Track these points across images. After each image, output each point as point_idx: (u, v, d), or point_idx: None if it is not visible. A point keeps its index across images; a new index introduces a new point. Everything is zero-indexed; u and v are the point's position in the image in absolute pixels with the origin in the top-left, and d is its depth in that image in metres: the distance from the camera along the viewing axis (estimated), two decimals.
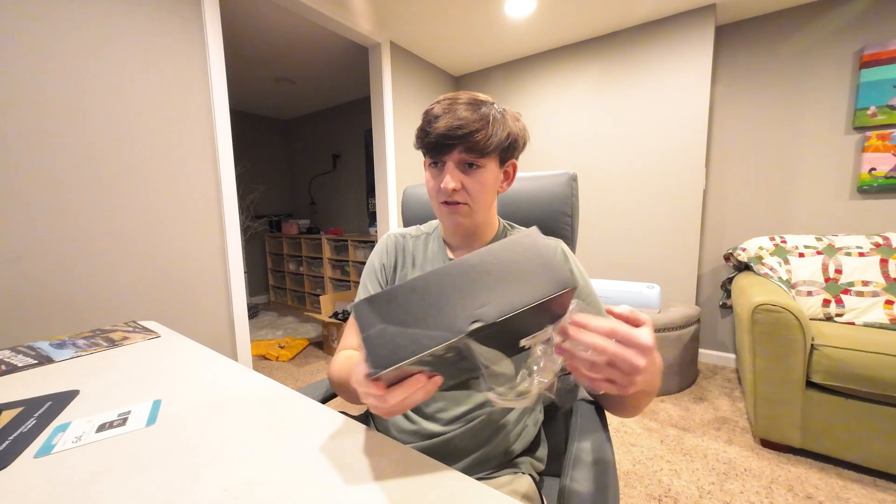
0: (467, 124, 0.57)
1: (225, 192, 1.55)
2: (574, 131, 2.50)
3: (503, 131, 0.60)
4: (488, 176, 0.62)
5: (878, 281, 1.59)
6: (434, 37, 2.32)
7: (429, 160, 0.64)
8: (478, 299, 0.35)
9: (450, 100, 0.60)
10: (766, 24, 2.07)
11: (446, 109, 0.59)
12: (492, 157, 0.62)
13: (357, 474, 0.39)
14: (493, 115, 0.60)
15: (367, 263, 0.76)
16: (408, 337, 0.33)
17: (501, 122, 0.60)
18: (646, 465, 1.41)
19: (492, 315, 0.34)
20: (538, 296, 0.34)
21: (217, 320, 1.56)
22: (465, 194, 0.62)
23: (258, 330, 3.23)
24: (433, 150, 0.61)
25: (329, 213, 4.15)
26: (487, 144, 0.59)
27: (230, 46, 2.37)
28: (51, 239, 1.14)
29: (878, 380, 1.22)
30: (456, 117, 0.58)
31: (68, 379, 0.61)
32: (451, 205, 0.63)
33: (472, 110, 0.58)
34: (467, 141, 0.58)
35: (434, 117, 0.60)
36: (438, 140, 0.59)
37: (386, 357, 0.33)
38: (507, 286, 0.35)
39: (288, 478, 0.38)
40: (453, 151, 0.59)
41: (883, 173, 1.82)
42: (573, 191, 0.82)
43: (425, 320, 0.34)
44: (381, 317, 0.34)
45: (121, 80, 1.26)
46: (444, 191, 0.61)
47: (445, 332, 0.33)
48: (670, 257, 2.25)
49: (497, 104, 0.62)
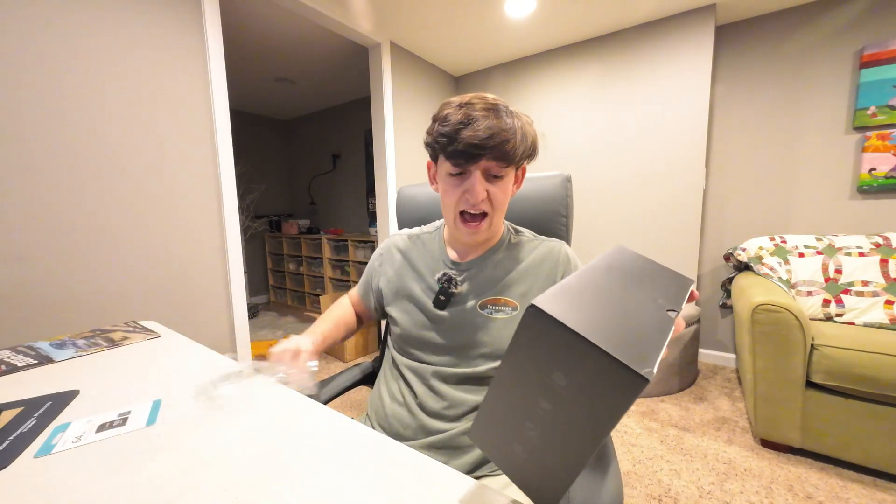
0: (498, 133, 0.56)
1: (225, 192, 1.55)
2: (574, 131, 2.50)
3: (528, 139, 0.60)
4: (509, 184, 0.62)
5: (878, 281, 1.59)
6: (434, 37, 2.32)
7: (453, 169, 0.61)
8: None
9: (467, 104, 0.58)
10: (766, 24, 2.07)
11: (469, 116, 0.56)
12: (513, 166, 0.61)
13: (358, 474, 0.39)
14: (521, 124, 0.59)
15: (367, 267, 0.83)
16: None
17: (525, 131, 0.60)
18: (646, 465, 1.41)
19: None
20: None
21: (217, 320, 1.56)
22: (488, 203, 0.61)
23: (258, 330, 3.23)
24: (460, 158, 0.58)
25: (329, 213, 4.15)
26: (516, 154, 0.58)
27: (230, 46, 2.37)
28: (51, 239, 1.14)
29: (878, 380, 1.22)
30: (487, 126, 0.55)
31: (68, 379, 0.61)
32: (473, 220, 0.62)
33: (494, 116, 0.57)
34: (498, 150, 0.56)
35: (460, 124, 0.57)
36: (468, 149, 0.56)
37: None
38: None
39: (288, 478, 0.38)
40: (481, 160, 0.58)
41: (883, 173, 1.82)
42: (567, 191, 0.83)
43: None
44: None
45: (120, 81, 1.26)
46: (469, 201, 0.60)
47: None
48: (670, 257, 2.24)
49: (510, 106, 0.61)
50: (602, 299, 0.27)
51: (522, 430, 0.27)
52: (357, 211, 3.84)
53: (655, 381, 1.90)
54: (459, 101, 0.59)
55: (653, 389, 1.92)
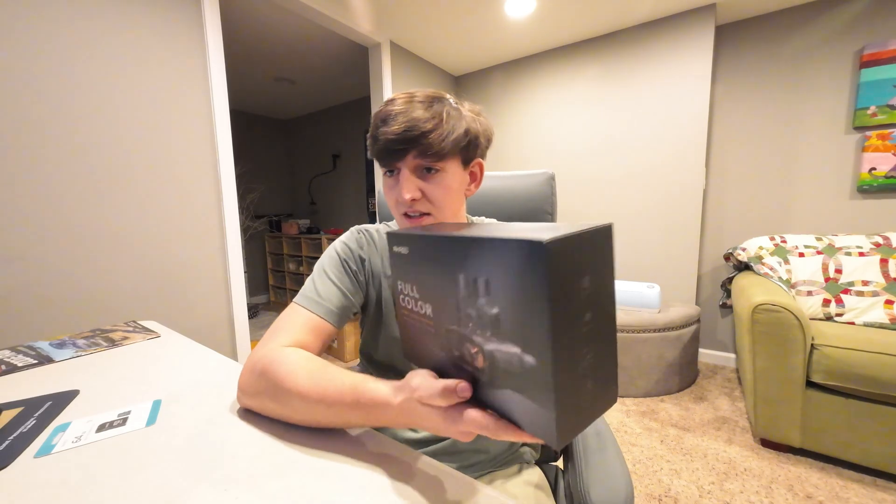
0: (418, 125, 0.50)
1: (225, 192, 1.55)
2: (574, 131, 2.50)
3: (460, 128, 0.53)
4: (451, 180, 0.55)
5: (878, 281, 1.59)
6: (434, 37, 2.32)
7: (383, 168, 0.57)
8: None
9: (402, 98, 0.53)
10: (766, 23, 2.06)
11: (396, 111, 0.52)
12: (452, 159, 0.54)
13: (360, 476, 0.39)
14: (446, 111, 0.52)
15: (329, 254, 0.63)
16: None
17: (457, 119, 0.53)
18: (646, 465, 1.41)
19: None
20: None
21: (217, 320, 1.56)
22: (426, 203, 0.55)
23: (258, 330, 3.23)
24: (384, 157, 0.54)
25: (329, 213, 4.15)
26: (443, 145, 0.51)
27: (230, 46, 2.37)
28: (51, 239, 1.14)
29: (878, 379, 1.22)
30: (407, 118, 0.51)
31: (68, 379, 0.61)
32: (414, 218, 0.56)
33: (423, 108, 0.51)
34: (420, 143, 0.51)
35: (382, 120, 0.52)
36: (388, 146, 0.52)
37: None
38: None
39: (288, 478, 0.38)
40: (407, 157, 0.52)
41: (883, 173, 1.82)
42: (552, 189, 0.83)
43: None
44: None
45: (120, 81, 1.26)
46: (401, 202, 0.54)
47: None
48: (670, 257, 2.25)
49: (453, 100, 0.55)
50: (546, 228, 0.27)
51: (583, 363, 0.26)
52: (357, 211, 3.84)
53: (655, 380, 1.91)
54: (396, 96, 0.54)
55: (653, 389, 1.92)
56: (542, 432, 0.26)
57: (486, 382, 0.30)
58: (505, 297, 0.26)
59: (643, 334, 1.88)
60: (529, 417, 0.27)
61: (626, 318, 1.91)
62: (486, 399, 0.31)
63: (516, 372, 0.27)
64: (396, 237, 0.37)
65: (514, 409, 0.28)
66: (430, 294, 0.34)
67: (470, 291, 0.29)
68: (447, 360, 0.34)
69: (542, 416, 0.26)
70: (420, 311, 0.36)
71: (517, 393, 0.27)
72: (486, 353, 0.29)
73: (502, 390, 0.29)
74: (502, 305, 0.26)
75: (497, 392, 0.29)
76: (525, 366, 0.26)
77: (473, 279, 0.28)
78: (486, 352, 0.29)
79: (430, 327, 0.35)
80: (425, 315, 0.35)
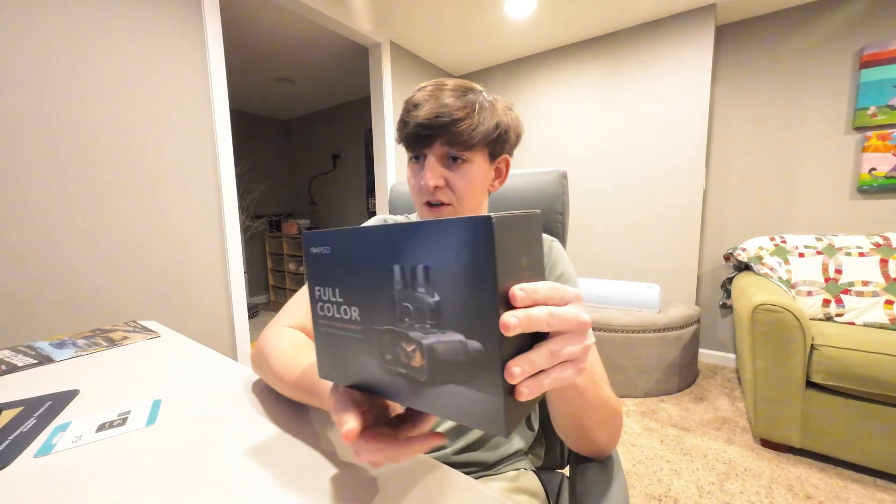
0: (449, 112, 0.50)
1: (225, 191, 1.55)
2: (574, 131, 2.50)
3: (491, 121, 0.53)
4: (475, 172, 0.55)
5: (878, 281, 1.59)
6: (434, 37, 2.32)
7: (409, 154, 0.57)
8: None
9: (433, 86, 0.53)
10: (766, 24, 2.07)
11: (429, 96, 0.52)
12: (479, 151, 0.54)
13: (359, 477, 0.39)
14: (480, 102, 0.52)
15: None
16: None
17: (490, 111, 0.53)
18: (646, 465, 1.41)
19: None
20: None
21: (217, 320, 1.56)
22: (448, 193, 0.54)
23: (258, 330, 3.23)
24: (412, 143, 0.54)
25: (329, 213, 4.15)
26: (473, 135, 0.51)
27: (230, 46, 2.37)
28: (51, 239, 1.14)
29: (878, 380, 1.22)
30: (438, 104, 0.51)
31: (68, 379, 0.61)
32: (434, 207, 0.55)
33: (456, 97, 0.51)
34: (450, 131, 0.51)
35: (414, 105, 0.52)
36: (417, 131, 0.52)
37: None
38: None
39: (288, 479, 0.38)
40: (434, 144, 0.52)
41: (883, 173, 1.82)
42: (564, 188, 0.79)
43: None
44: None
45: (120, 81, 1.26)
46: (424, 189, 0.54)
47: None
48: (670, 257, 2.25)
49: (487, 92, 0.55)
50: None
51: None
52: (357, 211, 3.84)
53: (655, 380, 1.91)
54: (429, 83, 0.55)
55: (653, 389, 1.92)
56: (487, 422, 0.26)
57: (423, 383, 0.29)
58: (447, 283, 0.25)
59: (643, 334, 1.88)
60: (473, 408, 0.26)
61: (626, 318, 1.91)
62: (423, 403, 0.30)
63: (461, 361, 0.26)
64: (314, 237, 0.34)
65: (455, 404, 0.27)
66: (356, 295, 0.32)
67: (407, 282, 0.28)
68: (378, 367, 0.32)
69: (488, 404, 0.25)
70: (344, 317, 0.33)
71: (460, 386, 0.27)
72: (425, 349, 0.28)
73: (443, 387, 0.28)
74: (443, 292, 0.26)
75: (436, 390, 0.28)
76: (470, 352, 0.25)
77: (411, 268, 0.27)
78: (425, 347, 0.28)
79: (356, 333, 0.32)
80: (350, 320, 0.33)
